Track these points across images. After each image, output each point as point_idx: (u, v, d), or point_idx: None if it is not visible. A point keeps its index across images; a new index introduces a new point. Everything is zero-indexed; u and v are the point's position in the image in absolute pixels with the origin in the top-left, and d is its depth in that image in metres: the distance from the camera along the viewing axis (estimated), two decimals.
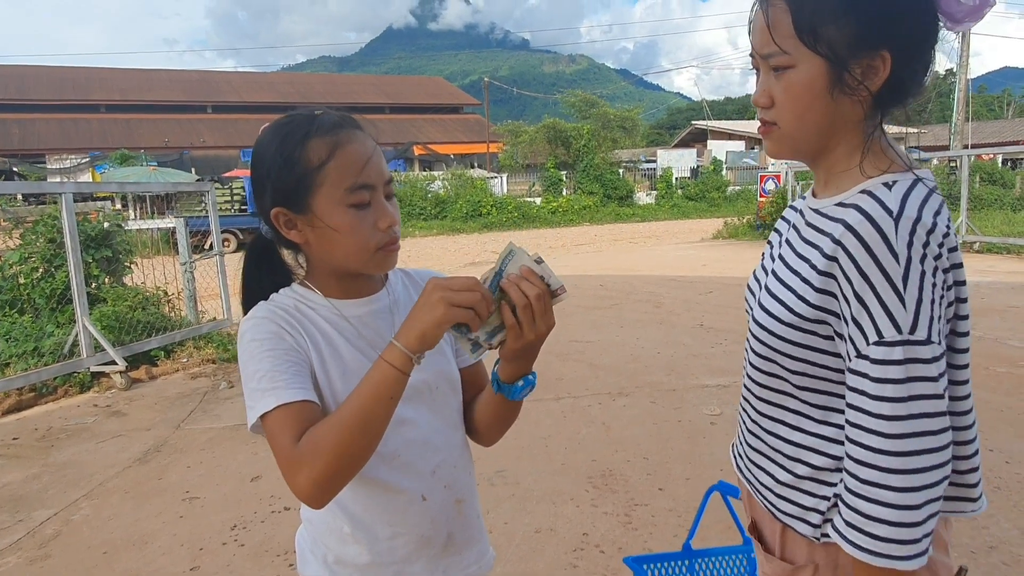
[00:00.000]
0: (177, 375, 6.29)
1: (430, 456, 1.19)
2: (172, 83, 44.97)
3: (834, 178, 1.06)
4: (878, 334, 0.91)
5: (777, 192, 17.55)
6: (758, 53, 1.02)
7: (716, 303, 8.54)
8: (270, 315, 1.13)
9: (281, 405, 1.04)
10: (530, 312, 1.02)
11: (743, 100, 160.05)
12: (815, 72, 0.97)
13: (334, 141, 1.09)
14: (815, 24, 0.95)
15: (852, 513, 0.95)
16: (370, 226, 1.11)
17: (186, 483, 3.90)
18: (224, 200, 20.18)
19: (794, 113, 1.01)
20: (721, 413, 4.62)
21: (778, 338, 1.04)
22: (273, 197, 1.12)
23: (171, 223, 8.28)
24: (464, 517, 1.25)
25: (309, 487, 0.99)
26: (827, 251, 0.97)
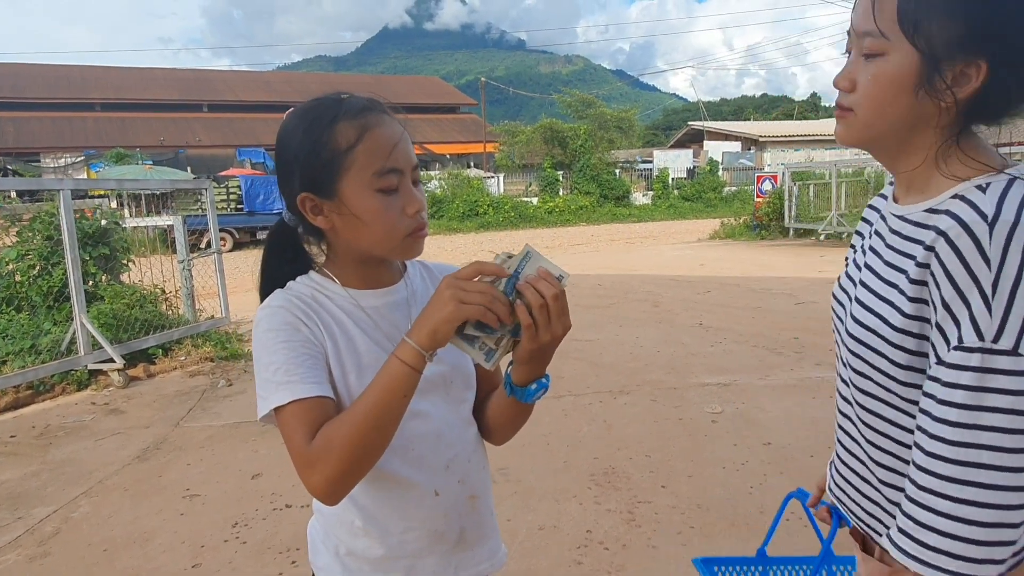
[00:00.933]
0: (175, 373, 6.27)
1: (444, 450, 1.18)
2: (167, 82, 44.79)
3: (918, 182, 1.02)
4: (959, 340, 0.88)
5: (773, 193, 17.57)
6: (856, 30, 0.98)
7: (715, 302, 8.54)
8: (287, 304, 1.11)
9: (296, 400, 1.03)
10: (546, 312, 0.99)
11: (739, 101, 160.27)
12: (906, 65, 0.93)
13: (363, 124, 1.07)
14: (919, 15, 0.91)
15: (905, 519, 0.93)
16: (398, 211, 1.09)
17: (186, 481, 3.88)
18: (220, 199, 20.10)
19: (874, 103, 0.97)
20: (722, 411, 4.62)
21: (871, 350, 1.01)
22: (301, 182, 1.10)
23: (169, 221, 8.24)
24: (477, 513, 1.23)
25: (323, 485, 1.00)
26: (920, 259, 0.94)
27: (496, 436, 1.29)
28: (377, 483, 1.14)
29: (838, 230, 15.55)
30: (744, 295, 8.98)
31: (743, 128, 40.90)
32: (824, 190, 17.28)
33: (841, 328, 1.10)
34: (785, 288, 9.35)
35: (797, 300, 8.46)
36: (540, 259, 1.01)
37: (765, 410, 4.61)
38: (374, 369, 1.07)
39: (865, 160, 17.18)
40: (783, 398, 4.84)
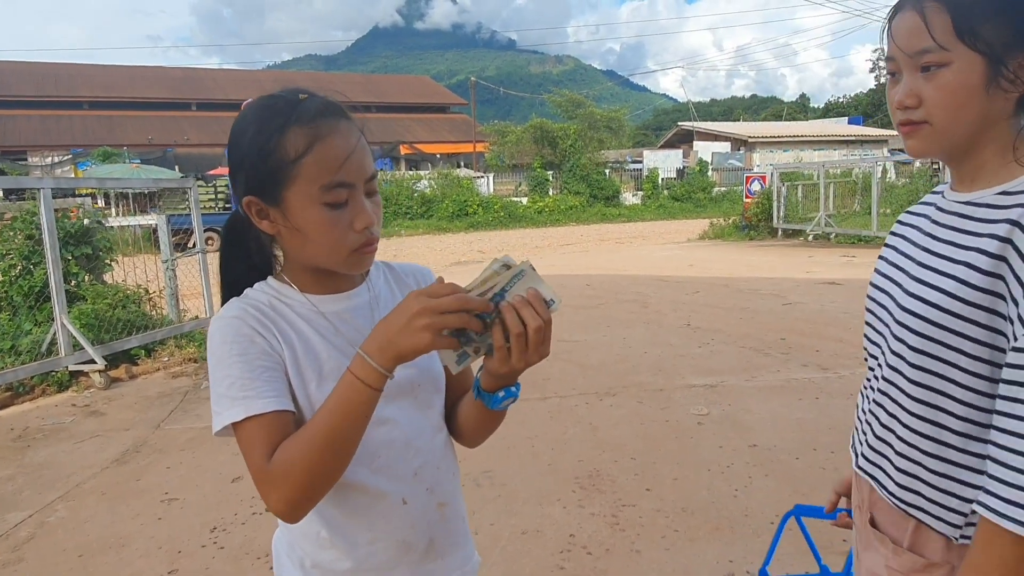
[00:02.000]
0: (158, 374, 6.20)
1: (412, 457, 1.14)
2: (156, 80, 44.50)
3: (986, 173, 1.06)
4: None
5: (762, 193, 17.60)
6: (908, 52, 1.04)
7: (703, 303, 8.53)
8: (241, 314, 1.07)
9: (252, 416, 0.99)
10: (523, 341, 0.93)
11: (728, 102, 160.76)
12: (973, 69, 1.00)
13: (314, 133, 1.01)
14: (974, 22, 0.98)
15: (1013, 490, 0.93)
16: (345, 226, 1.04)
17: (165, 484, 3.82)
18: (208, 198, 20.02)
19: (950, 110, 1.02)
20: (708, 413, 4.59)
21: (936, 326, 1.03)
22: (246, 184, 1.05)
23: (153, 220, 8.15)
24: (447, 521, 1.19)
25: (282, 506, 0.97)
26: (1002, 234, 0.97)
27: (468, 440, 1.25)
28: (343, 493, 1.10)
29: (826, 231, 15.60)
30: (732, 296, 8.98)
31: (732, 129, 40.99)
32: (812, 191, 17.33)
33: (891, 308, 1.12)
34: (773, 289, 9.36)
35: (785, 301, 8.47)
36: (534, 279, 0.95)
37: (751, 412, 4.59)
38: (335, 377, 1.02)
39: (853, 161, 17.22)
40: (769, 399, 4.83)
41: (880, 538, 1.17)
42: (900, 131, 1.10)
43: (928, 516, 1.07)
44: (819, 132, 40.29)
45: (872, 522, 1.20)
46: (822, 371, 5.46)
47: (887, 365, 1.12)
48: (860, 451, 1.21)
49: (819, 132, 40.29)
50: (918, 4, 1.03)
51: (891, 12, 1.09)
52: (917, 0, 1.03)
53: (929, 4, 1.01)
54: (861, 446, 1.21)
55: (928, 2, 1.01)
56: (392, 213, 25.49)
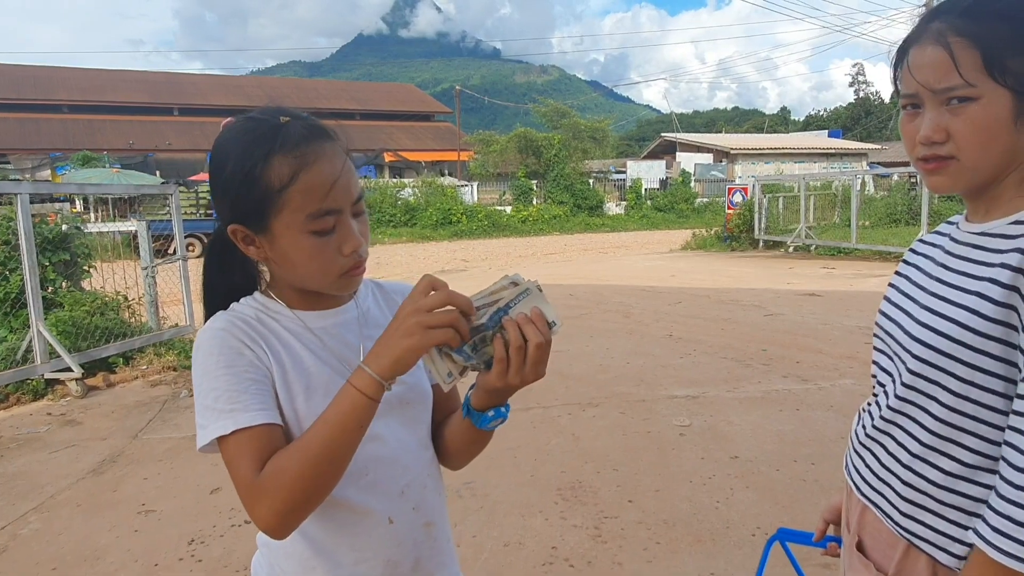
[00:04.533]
0: (136, 383, 6.12)
1: (399, 475, 1.13)
2: (137, 84, 44.13)
3: (1001, 204, 1.07)
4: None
5: (744, 204, 17.76)
6: (932, 88, 1.03)
7: (685, 313, 8.57)
8: (228, 327, 1.06)
9: (240, 429, 0.98)
10: (523, 356, 0.95)
11: (711, 114, 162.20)
12: (1002, 104, 0.99)
13: (299, 161, 1.00)
14: (1004, 58, 0.98)
15: (1004, 520, 0.94)
16: (334, 251, 1.04)
17: (142, 495, 3.77)
18: (189, 204, 19.86)
19: (979, 145, 1.02)
20: (690, 424, 4.61)
21: (947, 356, 1.02)
22: (231, 213, 1.05)
23: (133, 226, 8.07)
24: (434, 541, 1.18)
25: (271, 518, 0.95)
26: (1013, 264, 0.97)
27: (453, 461, 1.25)
28: (328, 511, 1.08)
29: (806, 242, 15.75)
30: (714, 306, 9.03)
31: (715, 140, 41.34)
32: (793, 203, 17.50)
33: (901, 338, 1.12)
34: (754, 300, 9.42)
35: (766, 312, 8.53)
36: (539, 299, 0.96)
37: (733, 423, 4.61)
38: (324, 391, 1.03)
39: (833, 174, 17.40)
40: (751, 411, 4.85)
41: (865, 563, 1.17)
42: (922, 167, 1.08)
43: (932, 547, 1.06)
44: (800, 145, 40.75)
45: (859, 546, 1.19)
46: (802, 382, 5.50)
47: (895, 395, 1.10)
48: (863, 477, 1.19)
49: (800, 145, 40.75)
50: (942, 38, 1.02)
51: (904, 45, 1.08)
52: (940, 34, 1.02)
53: (955, 40, 1.00)
54: (863, 471, 1.19)
55: (953, 37, 1.01)
56: (376, 221, 25.42)
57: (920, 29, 1.06)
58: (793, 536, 1.52)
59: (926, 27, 1.05)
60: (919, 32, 1.06)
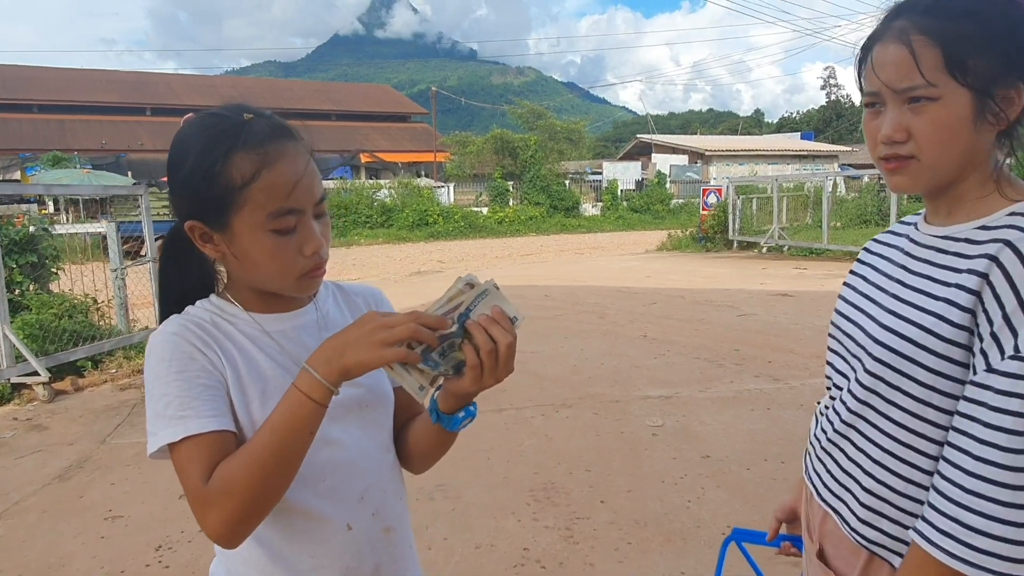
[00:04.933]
0: (105, 387, 6.03)
1: (357, 480, 1.11)
2: (109, 84, 43.48)
3: (964, 206, 1.06)
4: (1015, 349, 0.91)
5: (718, 206, 17.92)
6: (894, 88, 1.02)
7: (659, 314, 8.63)
8: (181, 331, 1.04)
9: (190, 437, 0.96)
10: (495, 358, 0.95)
11: (686, 115, 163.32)
12: (962, 103, 0.99)
13: (262, 159, 0.99)
14: (965, 56, 0.98)
15: (949, 521, 0.94)
16: (294, 251, 1.02)
17: (109, 501, 3.72)
18: (162, 205, 19.56)
19: (940, 144, 1.01)
20: (663, 424, 4.64)
21: (911, 361, 1.02)
22: (190, 208, 1.03)
23: (102, 228, 7.95)
24: (394, 547, 1.16)
25: (221, 528, 0.93)
26: (980, 269, 0.96)
27: (417, 464, 1.23)
28: (285, 517, 1.07)
29: (779, 243, 15.93)
30: (688, 307, 9.10)
31: (690, 142, 41.65)
32: (766, 204, 17.69)
33: (862, 341, 1.11)
34: (728, 300, 9.51)
35: (739, 312, 8.61)
36: (497, 297, 0.97)
37: (704, 423, 4.65)
38: (280, 396, 1.00)
39: (805, 176, 17.61)
40: (722, 411, 4.90)
41: (826, 572, 1.16)
42: (883, 167, 1.07)
43: (889, 552, 1.06)
44: (773, 147, 41.20)
45: (820, 553, 1.18)
46: (774, 382, 5.56)
47: (856, 398, 1.09)
48: (823, 482, 1.18)
49: (773, 147, 41.20)
50: (904, 36, 1.01)
51: (867, 42, 1.07)
52: (902, 32, 1.02)
53: (917, 38, 1.00)
54: (823, 477, 1.18)
55: (915, 35, 1.00)
56: (351, 222, 25.28)
57: (884, 27, 1.05)
58: (747, 536, 1.52)
59: (889, 25, 1.04)
60: (883, 30, 1.05)
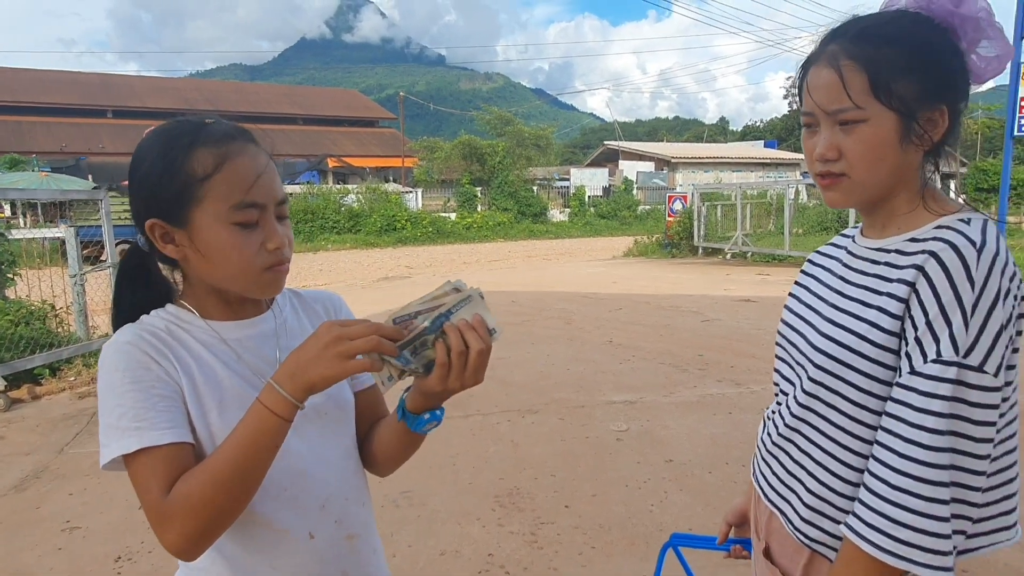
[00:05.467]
0: (63, 395, 5.91)
1: (318, 489, 1.11)
2: (69, 85, 42.61)
3: (896, 220, 1.12)
4: (937, 353, 0.97)
5: (684, 212, 18.15)
6: (825, 109, 1.08)
7: (625, 320, 8.71)
8: (135, 340, 1.03)
9: (145, 448, 0.95)
10: (464, 361, 0.95)
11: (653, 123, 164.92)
12: (888, 125, 1.05)
13: (223, 153, 1.01)
14: (888, 81, 1.04)
15: (875, 515, 1.00)
16: (256, 247, 1.03)
17: (67, 512, 3.65)
18: (124, 209, 19.20)
19: (868, 164, 1.07)
20: (627, 429, 4.70)
21: (846, 366, 1.07)
22: (149, 207, 1.03)
23: (60, 233, 7.80)
24: (358, 554, 1.16)
25: (180, 543, 0.93)
26: (908, 279, 1.02)
27: (382, 467, 1.24)
28: (245, 528, 1.06)
29: (743, 249, 16.18)
30: (654, 312, 9.21)
31: (656, 149, 42.12)
32: (731, 211, 17.96)
33: (804, 348, 1.16)
34: (693, 306, 9.64)
35: (703, 317, 8.73)
36: (480, 306, 0.98)
37: (668, 427, 4.72)
38: (238, 404, 1.01)
39: (768, 183, 17.88)
40: (686, 415, 4.97)
41: (772, 569, 1.21)
42: (819, 183, 1.13)
43: (829, 550, 1.11)
44: (737, 154, 41.84)
45: (766, 551, 1.23)
46: (736, 386, 5.66)
47: (798, 403, 1.14)
48: (769, 483, 1.23)
49: (737, 154, 41.84)
50: (834, 61, 1.07)
51: (805, 64, 1.13)
52: (833, 57, 1.07)
53: (846, 63, 1.06)
54: (768, 478, 1.23)
55: (844, 60, 1.06)
56: (319, 227, 25.08)
57: (819, 50, 1.11)
58: (691, 541, 1.55)
59: (824, 49, 1.10)
60: (817, 53, 1.11)
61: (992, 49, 1.07)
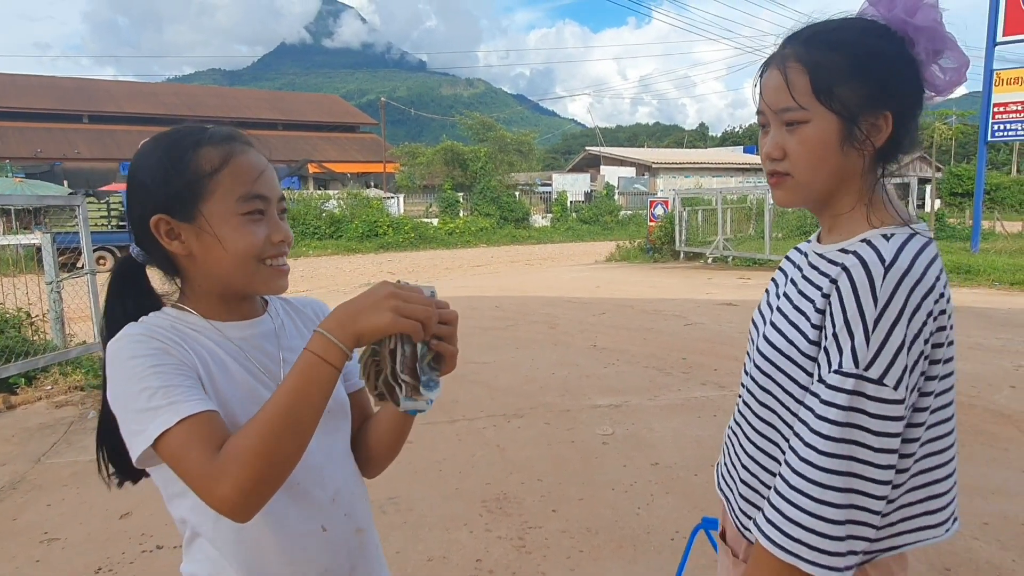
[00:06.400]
0: (39, 404, 5.80)
1: (328, 483, 1.13)
2: (44, 90, 42.04)
3: (838, 224, 1.16)
4: (839, 364, 1.02)
5: (666, 217, 18.24)
6: (772, 109, 1.12)
7: (609, 324, 8.72)
8: (147, 331, 1.03)
9: (185, 418, 0.93)
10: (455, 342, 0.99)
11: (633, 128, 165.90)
12: (829, 127, 1.08)
13: (228, 150, 1.06)
14: (831, 84, 1.07)
15: (773, 511, 1.05)
16: (262, 237, 1.06)
17: (45, 523, 3.57)
18: (100, 216, 18.98)
19: (809, 164, 1.10)
20: (613, 433, 4.69)
21: (777, 368, 1.13)
22: (155, 203, 1.05)
23: (36, 239, 7.66)
24: (365, 548, 1.19)
25: (235, 496, 0.89)
26: (825, 290, 1.07)
27: (373, 466, 1.26)
28: (261, 522, 1.05)
29: (724, 254, 16.29)
30: (637, 316, 9.23)
31: (637, 154, 42.36)
32: (711, 215, 18.08)
33: (752, 349, 1.23)
34: (675, 310, 9.68)
35: (686, 321, 8.77)
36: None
37: (654, 430, 4.72)
38: (252, 400, 1.03)
39: (748, 188, 18.05)
40: (671, 418, 4.98)
41: (725, 550, 1.31)
42: (769, 181, 1.18)
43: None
44: (717, 160, 42.19)
45: (723, 534, 1.33)
46: (720, 389, 5.68)
47: (743, 400, 1.23)
48: (719, 472, 1.32)
49: (717, 160, 42.19)
50: (782, 64, 1.11)
51: (761, 68, 1.17)
52: (781, 60, 1.12)
53: (792, 65, 1.10)
54: (720, 467, 1.33)
55: (791, 63, 1.10)
56: (300, 233, 24.89)
57: (775, 54, 1.15)
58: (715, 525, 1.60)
59: (779, 52, 1.14)
60: (773, 56, 1.15)
61: (951, 61, 1.10)
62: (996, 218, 21.41)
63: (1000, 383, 5.67)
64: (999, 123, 15.39)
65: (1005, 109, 15.25)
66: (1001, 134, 15.65)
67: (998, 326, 8.01)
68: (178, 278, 1.13)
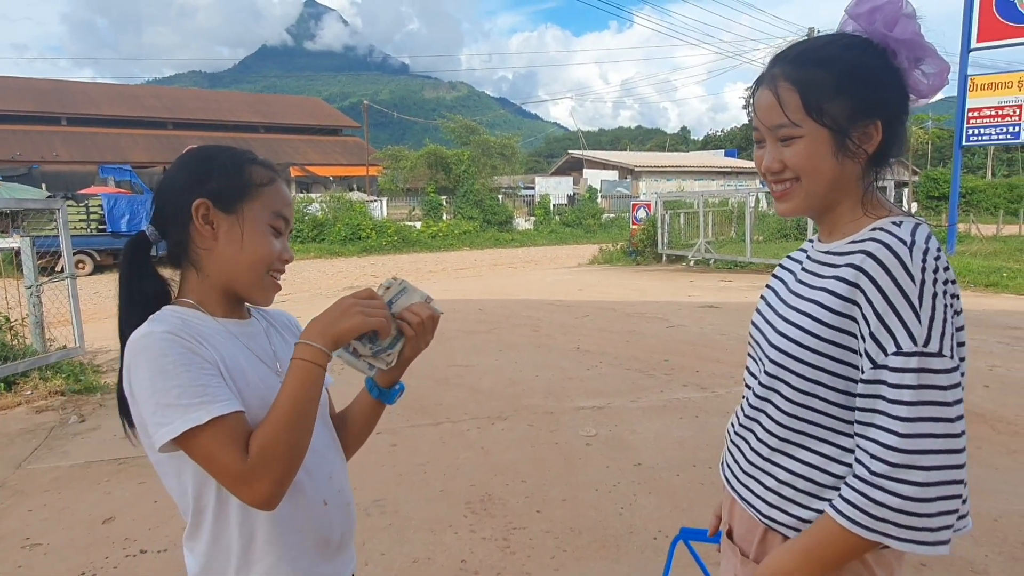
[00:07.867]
0: (19, 409, 5.75)
1: (325, 463, 1.28)
2: (21, 91, 41.45)
3: (841, 227, 1.21)
4: (896, 346, 1.04)
5: (647, 220, 18.35)
6: (768, 126, 1.18)
7: (592, 326, 8.78)
8: (173, 329, 1.12)
9: (217, 418, 1.05)
10: (423, 327, 1.24)
11: (616, 132, 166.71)
12: (822, 140, 1.14)
13: (273, 175, 1.26)
14: (820, 100, 1.13)
15: (860, 497, 1.06)
16: (276, 251, 1.24)
17: (26, 529, 3.55)
18: (79, 219, 18.78)
19: (810, 173, 1.17)
20: (596, 434, 4.74)
21: (794, 359, 1.16)
22: (206, 190, 1.19)
23: (15, 243, 7.59)
24: (351, 518, 1.34)
25: (272, 489, 1.06)
26: (848, 278, 1.10)
27: (348, 449, 1.41)
28: None
29: (705, 256, 16.42)
30: (620, 319, 9.29)
31: (620, 158, 42.56)
32: (693, 219, 18.22)
33: (763, 344, 1.26)
34: (658, 312, 9.75)
35: (668, 323, 8.84)
36: (414, 292, 1.25)
37: (636, 432, 4.77)
38: (264, 386, 1.17)
39: (729, 192, 18.18)
40: (653, 419, 5.03)
41: (732, 548, 1.30)
42: (772, 193, 1.24)
43: (788, 529, 1.19)
44: (699, 163, 42.47)
45: (729, 533, 1.33)
46: (701, 391, 5.74)
47: (755, 395, 1.24)
48: (733, 472, 1.32)
49: (699, 163, 42.47)
50: (773, 84, 1.18)
51: (753, 86, 1.23)
52: (772, 80, 1.18)
53: (782, 84, 1.16)
54: (732, 467, 1.32)
55: (781, 82, 1.16)
56: None
57: (765, 72, 1.22)
58: (694, 535, 1.62)
59: (769, 71, 1.21)
60: (764, 75, 1.22)
61: (932, 67, 1.16)
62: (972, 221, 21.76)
63: (974, 383, 5.78)
64: (973, 128, 15.67)
65: (979, 114, 15.53)
66: (975, 138, 15.93)
67: (972, 327, 8.15)
68: (181, 270, 1.24)
